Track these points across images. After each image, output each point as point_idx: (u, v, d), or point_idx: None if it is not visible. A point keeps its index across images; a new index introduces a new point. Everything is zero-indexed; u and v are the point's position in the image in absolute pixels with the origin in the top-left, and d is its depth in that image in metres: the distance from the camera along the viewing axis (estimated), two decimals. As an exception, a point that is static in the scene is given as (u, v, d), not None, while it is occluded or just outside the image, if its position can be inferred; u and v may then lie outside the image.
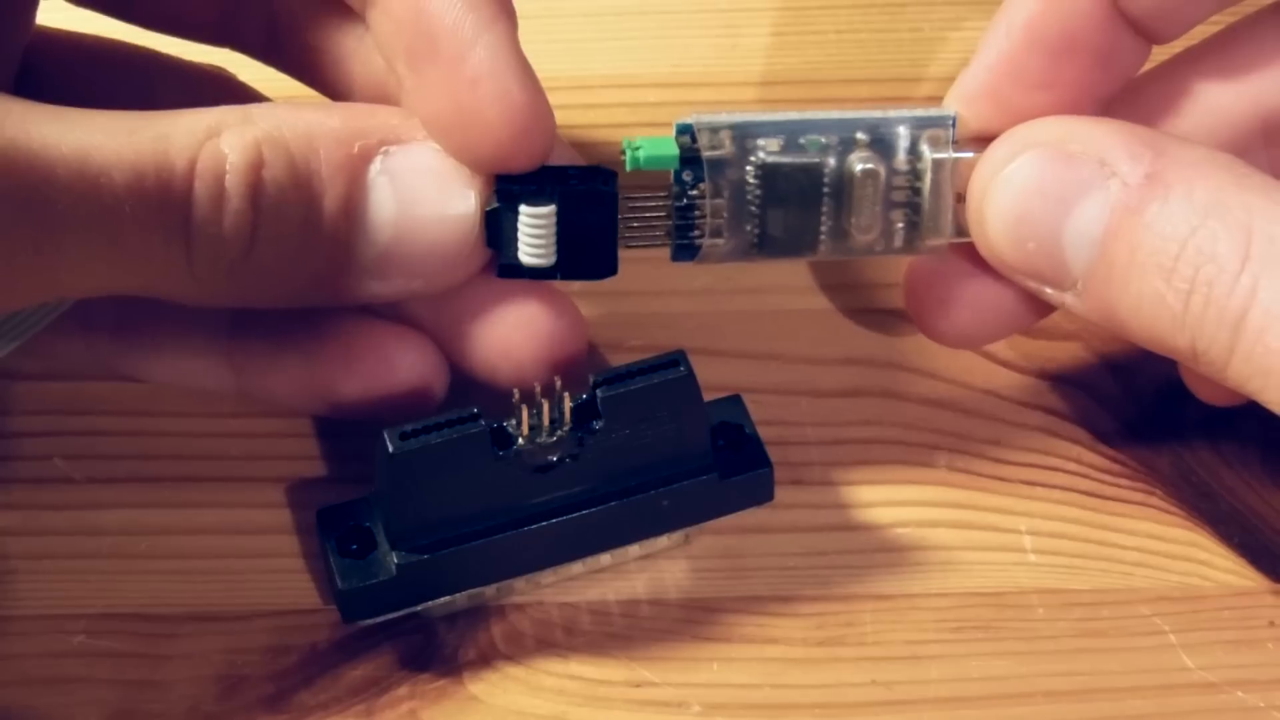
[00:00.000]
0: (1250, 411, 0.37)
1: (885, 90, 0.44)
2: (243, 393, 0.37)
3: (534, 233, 0.34)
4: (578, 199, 0.34)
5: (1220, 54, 0.36)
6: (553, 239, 0.34)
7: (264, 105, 0.33)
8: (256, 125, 0.32)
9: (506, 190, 0.34)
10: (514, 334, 0.35)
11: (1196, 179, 0.32)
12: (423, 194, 0.33)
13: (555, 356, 0.35)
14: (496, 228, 0.34)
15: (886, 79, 0.44)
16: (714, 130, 0.35)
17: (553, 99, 0.36)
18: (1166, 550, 0.37)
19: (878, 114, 0.35)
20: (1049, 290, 0.34)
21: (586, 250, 0.35)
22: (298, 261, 0.33)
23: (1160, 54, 0.36)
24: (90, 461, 0.38)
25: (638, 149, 0.34)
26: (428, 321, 0.36)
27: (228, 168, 0.32)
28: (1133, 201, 0.32)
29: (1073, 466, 0.38)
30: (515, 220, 0.34)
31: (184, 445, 0.38)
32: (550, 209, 0.34)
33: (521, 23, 0.45)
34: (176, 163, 0.31)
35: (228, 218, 0.32)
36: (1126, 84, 0.36)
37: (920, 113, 0.35)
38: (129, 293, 0.33)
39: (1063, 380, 0.39)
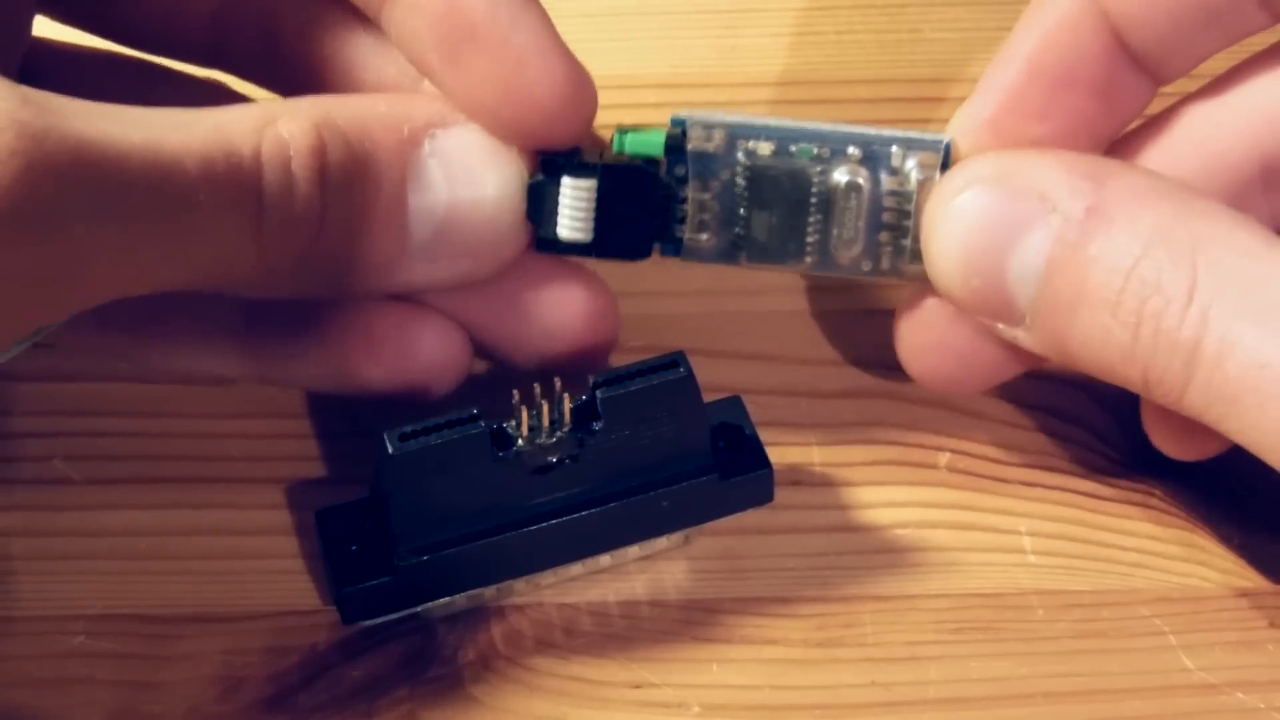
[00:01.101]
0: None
1: (885, 90, 0.44)
2: (264, 380, 0.37)
3: (574, 206, 0.35)
4: (620, 175, 0.35)
5: (1220, 98, 0.35)
6: (592, 214, 0.35)
7: (305, 97, 0.34)
8: (309, 113, 0.33)
9: (550, 162, 0.35)
10: (557, 312, 0.36)
11: (1139, 209, 0.32)
12: (471, 174, 0.34)
13: (595, 339, 0.36)
14: (538, 201, 0.35)
15: (886, 79, 0.44)
16: (707, 127, 0.35)
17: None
18: (1166, 550, 0.37)
19: (872, 131, 0.35)
20: (1000, 326, 0.34)
21: (623, 229, 0.35)
22: (361, 245, 0.33)
23: (1167, 98, 0.36)
24: (91, 462, 0.38)
25: (624, 134, 0.35)
26: (466, 303, 0.36)
27: (292, 152, 0.32)
28: (1074, 236, 0.32)
29: (1072, 468, 0.38)
30: (556, 193, 0.35)
31: (184, 445, 0.38)
32: (592, 182, 0.35)
33: (521, 23, 0.45)
34: (243, 148, 0.32)
35: (298, 201, 0.32)
36: (1128, 125, 0.36)
37: (915, 135, 0.35)
38: (197, 287, 0.33)
39: (1063, 380, 0.39)
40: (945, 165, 0.34)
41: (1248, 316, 0.31)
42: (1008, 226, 0.33)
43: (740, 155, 0.35)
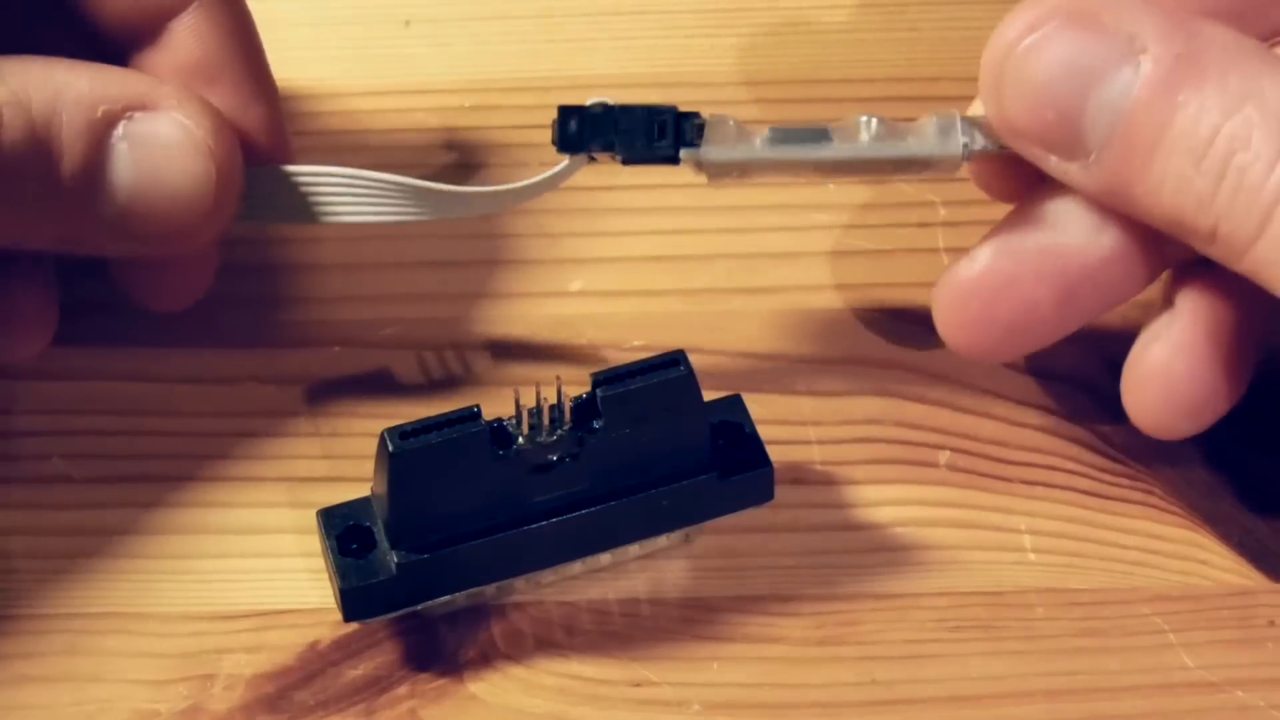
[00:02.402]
0: (1250, 411, 0.37)
1: (885, 89, 0.44)
2: None
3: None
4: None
5: None
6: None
7: (16, 60, 0.34)
8: (4, 83, 0.33)
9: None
10: None
11: (1230, 64, 0.32)
12: (161, 163, 0.35)
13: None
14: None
15: (886, 79, 0.44)
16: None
17: (552, 99, 0.36)
18: (1166, 550, 0.37)
19: (890, 153, 0.35)
20: (1053, 159, 0.34)
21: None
22: (38, 215, 0.35)
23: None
24: (90, 461, 0.38)
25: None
26: None
27: None
28: (1166, 80, 0.32)
29: (1073, 466, 0.38)
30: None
31: (184, 445, 0.38)
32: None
33: (521, 22, 0.45)
34: None
35: None
36: None
37: (934, 150, 0.35)
38: None
39: (1063, 380, 0.39)
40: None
41: None
42: (1094, 62, 0.33)
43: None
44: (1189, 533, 0.37)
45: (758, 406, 0.36)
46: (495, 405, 0.34)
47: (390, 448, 0.33)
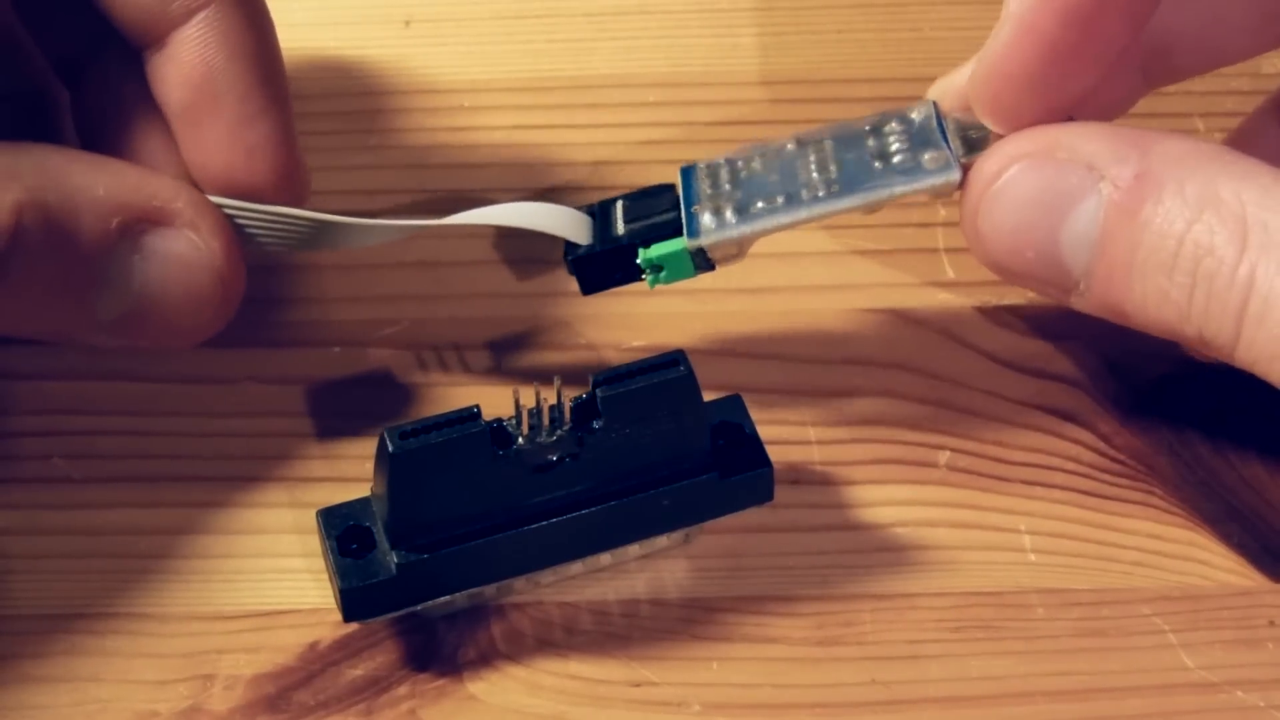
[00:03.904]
0: (1249, 412, 0.37)
1: (885, 89, 0.44)
2: None
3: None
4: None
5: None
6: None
7: (34, 155, 0.35)
8: (21, 183, 0.34)
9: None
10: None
11: (1185, 173, 0.32)
12: (170, 279, 0.35)
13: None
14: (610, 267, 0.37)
15: (886, 79, 0.44)
16: (724, 242, 0.36)
17: (553, 98, 0.36)
18: (1166, 550, 0.37)
19: (880, 193, 0.35)
20: (1052, 291, 0.34)
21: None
22: (39, 309, 0.35)
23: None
24: (90, 461, 0.38)
25: (660, 273, 0.36)
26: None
27: None
28: (1126, 202, 0.32)
29: (1073, 466, 0.38)
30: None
31: (184, 445, 0.38)
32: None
33: (522, 22, 0.45)
34: None
35: None
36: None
37: (915, 181, 0.35)
38: None
39: (1063, 380, 0.39)
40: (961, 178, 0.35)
41: None
42: (1059, 198, 0.33)
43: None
44: (1189, 533, 0.37)
45: (758, 406, 0.36)
46: (495, 405, 0.34)
47: (390, 448, 0.33)
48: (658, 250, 0.36)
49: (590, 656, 0.36)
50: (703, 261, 0.36)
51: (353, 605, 0.34)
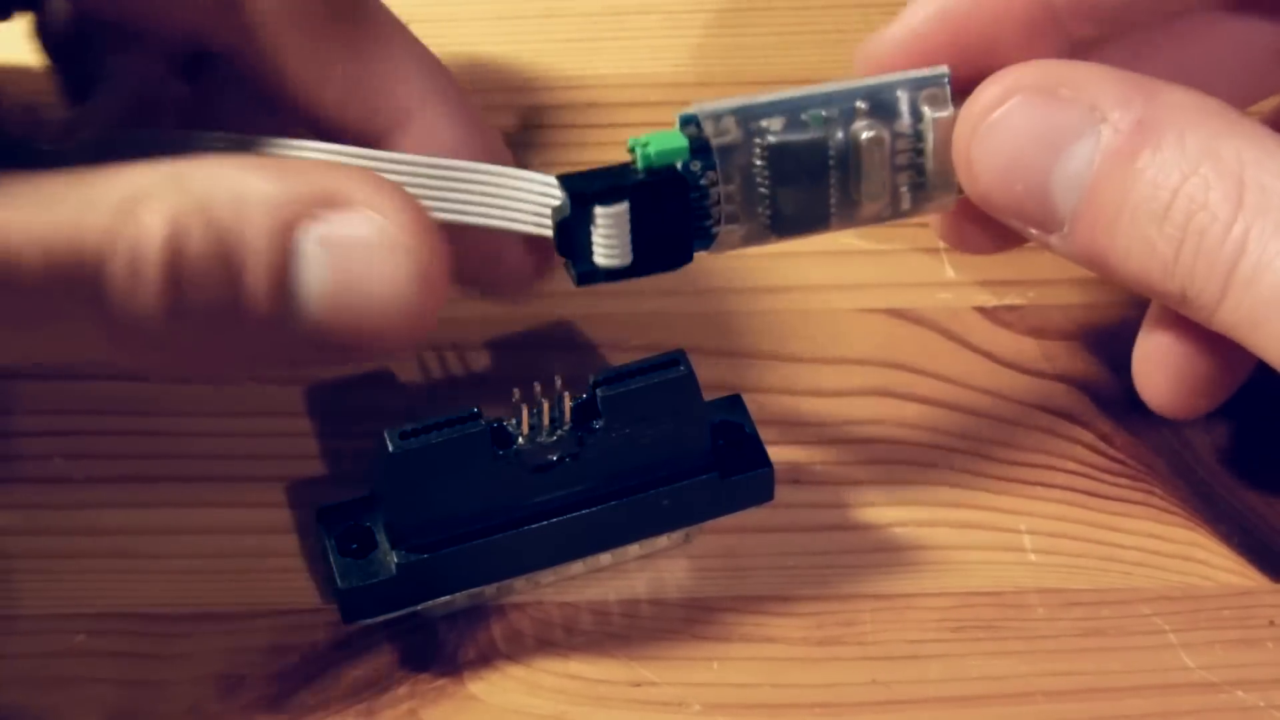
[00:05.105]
0: (1249, 411, 0.37)
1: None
2: None
3: (610, 233, 0.34)
4: (650, 189, 0.34)
5: None
6: (628, 236, 0.34)
7: (198, 164, 0.32)
8: (183, 192, 0.31)
9: (577, 194, 0.33)
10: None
11: (1187, 125, 0.32)
12: (357, 267, 0.32)
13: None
14: (568, 236, 0.34)
15: (886, 79, 0.44)
16: (718, 117, 0.34)
17: (554, 98, 0.36)
18: (1166, 550, 0.37)
19: (874, 81, 0.35)
20: (1034, 231, 0.34)
21: (660, 241, 0.34)
22: (224, 334, 0.32)
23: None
24: (91, 461, 0.38)
25: (646, 145, 0.34)
26: None
27: (146, 243, 0.30)
28: (1124, 147, 0.32)
29: (1073, 466, 0.38)
30: (588, 223, 0.34)
31: (184, 445, 0.38)
32: (624, 206, 0.34)
33: (523, 22, 0.45)
34: (88, 238, 0.30)
35: (143, 296, 0.30)
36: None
37: (915, 75, 0.35)
38: (55, 360, 0.32)
39: (1063, 380, 0.39)
40: (951, 97, 0.34)
41: None
42: (1055, 135, 0.33)
43: (756, 138, 0.34)
44: (1189, 533, 0.37)
45: (758, 406, 0.36)
46: (495, 405, 0.34)
47: (390, 448, 0.33)
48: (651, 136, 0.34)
49: (590, 656, 0.36)
50: (698, 142, 0.34)
51: (353, 605, 0.34)
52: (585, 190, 0.33)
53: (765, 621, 0.36)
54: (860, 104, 0.35)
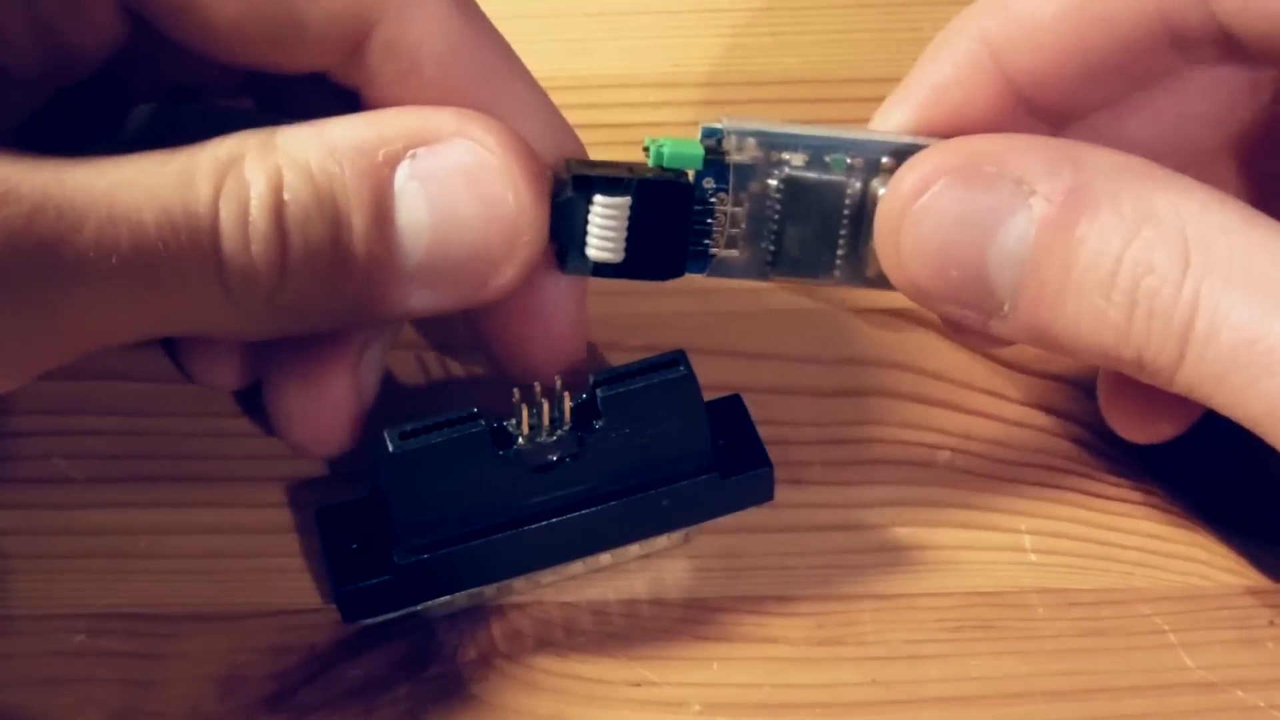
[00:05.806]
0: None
1: (885, 90, 0.43)
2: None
3: (606, 224, 0.33)
4: (655, 190, 0.34)
5: None
6: (624, 233, 0.34)
7: (287, 126, 0.32)
8: (277, 148, 0.31)
9: (582, 178, 0.33)
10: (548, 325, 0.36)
11: (1120, 188, 0.32)
12: (457, 195, 0.32)
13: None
14: (564, 219, 0.33)
15: (886, 79, 0.44)
16: (741, 136, 0.34)
17: (554, 98, 0.36)
18: (1166, 550, 0.37)
19: (905, 140, 0.34)
20: (971, 315, 0.33)
21: (656, 247, 0.34)
22: (336, 280, 0.32)
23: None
24: (90, 461, 0.38)
25: (661, 145, 0.34)
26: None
27: (251, 195, 0.31)
28: (1059, 218, 0.32)
29: (1073, 466, 0.38)
30: (586, 211, 0.33)
31: (184, 445, 0.38)
32: (626, 200, 0.33)
33: (523, 22, 0.45)
34: (201, 194, 0.31)
35: (255, 245, 0.31)
36: None
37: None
38: (175, 333, 0.32)
39: (1063, 380, 0.39)
40: None
41: (1235, 292, 0.31)
42: (986, 215, 0.32)
43: (775, 168, 0.34)
44: (1189, 533, 0.37)
45: (758, 406, 0.36)
46: (495, 405, 0.34)
47: (390, 448, 0.33)
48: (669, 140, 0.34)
49: (590, 656, 0.36)
50: (715, 152, 0.34)
51: (353, 605, 0.34)
52: (591, 175, 0.33)
53: (765, 621, 0.36)
54: (885, 160, 0.34)
